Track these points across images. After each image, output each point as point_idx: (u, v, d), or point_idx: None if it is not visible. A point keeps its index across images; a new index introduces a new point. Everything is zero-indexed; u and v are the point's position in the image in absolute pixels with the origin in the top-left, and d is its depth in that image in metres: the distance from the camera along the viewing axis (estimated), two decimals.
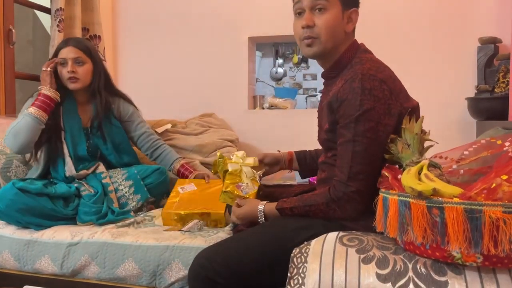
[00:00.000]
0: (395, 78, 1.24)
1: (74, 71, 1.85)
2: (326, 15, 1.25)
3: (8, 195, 1.63)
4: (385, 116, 1.15)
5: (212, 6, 2.78)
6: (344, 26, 1.28)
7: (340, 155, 1.19)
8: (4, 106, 2.35)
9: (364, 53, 1.29)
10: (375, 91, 1.14)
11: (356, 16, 1.30)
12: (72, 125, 1.91)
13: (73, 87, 1.87)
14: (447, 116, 2.41)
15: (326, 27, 1.25)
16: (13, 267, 1.66)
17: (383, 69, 1.21)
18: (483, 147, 1.09)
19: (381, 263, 0.98)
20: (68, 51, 1.86)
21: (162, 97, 2.86)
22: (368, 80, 1.15)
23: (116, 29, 2.98)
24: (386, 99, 1.15)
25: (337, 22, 1.26)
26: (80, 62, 1.87)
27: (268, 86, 4.34)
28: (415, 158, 1.09)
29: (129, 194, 1.88)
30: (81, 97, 1.96)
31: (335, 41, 1.28)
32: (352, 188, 1.15)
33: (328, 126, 1.27)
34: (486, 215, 0.83)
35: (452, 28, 2.41)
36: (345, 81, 1.19)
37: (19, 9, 2.71)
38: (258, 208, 1.31)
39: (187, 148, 2.37)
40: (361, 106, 1.14)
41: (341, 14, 1.27)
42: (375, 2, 2.50)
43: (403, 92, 1.23)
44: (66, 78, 1.85)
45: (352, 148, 1.16)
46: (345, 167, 1.17)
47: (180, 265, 1.46)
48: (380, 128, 1.15)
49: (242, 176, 1.46)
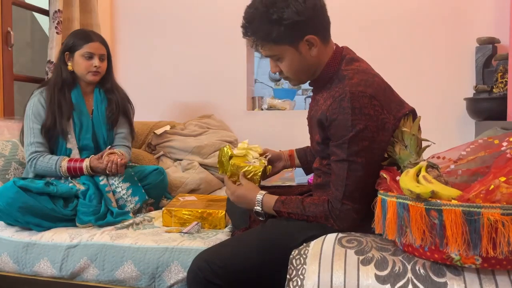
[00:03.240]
0: (386, 87, 1.21)
1: (100, 66, 1.93)
2: (284, 63, 1.23)
3: (9, 193, 1.63)
4: (379, 133, 1.13)
5: (211, 8, 2.78)
6: (307, 55, 1.21)
7: (335, 172, 1.18)
8: (2, 108, 2.35)
9: (350, 63, 1.23)
10: (366, 109, 1.12)
11: (314, 39, 1.19)
12: (82, 115, 1.94)
13: (93, 79, 1.94)
14: (446, 117, 2.41)
15: (290, 71, 1.24)
16: (12, 270, 1.65)
17: (372, 81, 1.17)
18: (480, 147, 1.09)
19: (380, 264, 0.98)
20: (96, 46, 1.93)
21: (160, 99, 2.86)
22: (358, 98, 1.12)
23: (115, 31, 2.98)
24: (379, 115, 1.13)
25: (297, 61, 1.22)
26: (103, 58, 1.96)
27: (267, 87, 4.33)
28: (413, 160, 1.09)
29: (127, 196, 1.87)
30: (87, 88, 1.99)
31: (307, 72, 1.26)
32: (348, 206, 1.15)
33: (319, 139, 1.25)
34: (484, 217, 0.83)
35: (450, 28, 2.41)
36: (334, 99, 1.16)
37: (17, 11, 2.71)
38: (256, 197, 1.28)
39: (186, 149, 2.37)
40: (353, 126, 1.11)
41: (296, 52, 1.20)
42: (372, 3, 2.50)
43: (395, 102, 1.21)
44: (88, 70, 1.91)
45: (348, 167, 1.14)
46: (340, 185, 1.15)
47: (179, 267, 1.46)
48: (374, 146, 1.13)
49: (248, 158, 1.43)
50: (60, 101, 1.89)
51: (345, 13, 2.47)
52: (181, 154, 2.39)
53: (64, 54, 1.94)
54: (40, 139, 1.86)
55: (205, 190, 2.29)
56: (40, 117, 1.87)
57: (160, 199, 2.07)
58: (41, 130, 1.86)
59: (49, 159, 1.84)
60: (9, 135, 2.14)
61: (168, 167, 2.34)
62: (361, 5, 2.52)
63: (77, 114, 1.92)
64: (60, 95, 1.90)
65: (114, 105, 2.00)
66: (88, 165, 1.85)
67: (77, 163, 1.85)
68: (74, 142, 1.90)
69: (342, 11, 2.44)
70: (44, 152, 1.86)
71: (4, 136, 2.12)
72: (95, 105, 1.98)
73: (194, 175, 2.28)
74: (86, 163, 1.85)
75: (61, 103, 1.89)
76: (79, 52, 1.91)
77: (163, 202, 2.07)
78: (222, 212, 1.70)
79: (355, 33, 2.44)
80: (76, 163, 1.85)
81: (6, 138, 2.10)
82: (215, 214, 1.70)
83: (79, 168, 1.84)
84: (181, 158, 2.39)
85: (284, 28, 1.15)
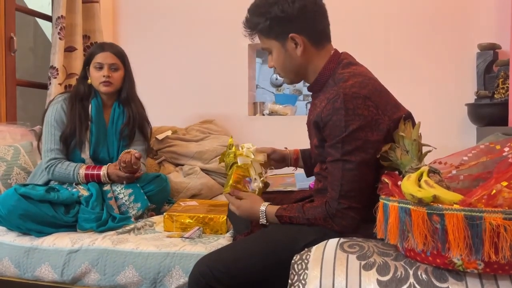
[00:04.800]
0: (382, 90, 1.23)
1: (110, 76, 1.91)
2: (274, 57, 1.31)
3: (10, 201, 1.63)
4: (373, 133, 1.15)
5: (212, 14, 2.79)
6: (293, 54, 1.27)
7: (331, 173, 1.19)
8: (5, 113, 2.36)
9: (347, 67, 1.26)
10: (359, 109, 1.14)
11: (299, 38, 1.25)
12: (99, 127, 1.95)
13: (105, 90, 1.93)
14: (447, 122, 2.41)
15: (278, 66, 1.32)
16: (13, 275, 1.65)
17: (367, 83, 1.19)
18: (482, 152, 1.09)
19: (382, 269, 0.97)
20: (105, 56, 1.93)
21: (162, 104, 2.86)
22: (351, 99, 1.14)
23: (117, 36, 2.99)
24: (373, 115, 1.15)
25: (282, 57, 1.29)
26: (115, 68, 1.93)
27: (268, 93, 4.34)
28: (414, 164, 1.09)
29: (129, 203, 1.88)
30: (108, 101, 2.00)
31: (294, 71, 1.31)
32: (344, 205, 1.16)
33: (317, 142, 1.27)
34: (486, 221, 0.83)
35: (451, 34, 2.42)
36: (328, 100, 1.18)
37: (20, 17, 2.72)
38: (260, 209, 1.31)
39: (188, 154, 2.38)
40: (347, 127, 1.14)
41: (282, 48, 1.28)
42: (373, 8, 2.51)
43: (390, 104, 1.22)
44: (100, 81, 1.91)
45: (342, 166, 1.16)
46: (336, 185, 1.17)
47: (181, 272, 1.45)
48: (368, 146, 1.15)
49: (250, 171, 1.46)
50: (80, 111, 1.91)
51: (345, 18, 2.48)
52: (182, 159, 2.40)
53: (85, 68, 1.97)
54: (60, 146, 1.89)
55: (207, 195, 2.29)
56: (62, 124, 1.89)
57: (162, 205, 2.07)
58: (61, 137, 1.88)
59: (67, 166, 1.86)
60: (11, 140, 2.15)
61: (170, 172, 2.34)
62: (361, 11, 2.53)
63: (95, 126, 1.93)
64: (80, 106, 1.92)
65: (128, 119, 1.99)
66: (106, 172, 1.85)
67: (95, 170, 1.86)
68: (88, 153, 1.91)
69: (342, 16, 2.45)
70: (62, 159, 1.88)
71: (6, 141, 2.13)
72: (111, 119, 1.98)
73: (196, 180, 2.28)
74: (103, 171, 1.86)
75: (81, 113, 1.91)
76: (92, 63, 1.94)
77: (164, 207, 2.07)
78: (223, 217, 1.69)
79: (355, 38, 2.45)
80: (94, 170, 1.86)
81: (8, 143, 2.11)
82: (217, 219, 1.70)
83: (97, 175, 1.85)
84: (182, 163, 2.39)
85: (269, 22, 1.25)
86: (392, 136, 1.18)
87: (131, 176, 1.87)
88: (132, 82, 2.03)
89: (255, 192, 1.42)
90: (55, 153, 1.87)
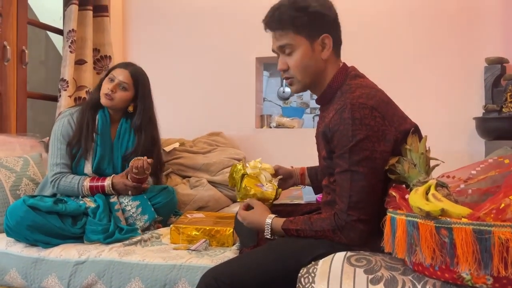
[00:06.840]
0: (388, 101, 1.23)
1: (113, 91, 1.91)
2: (295, 56, 1.26)
3: (19, 212, 1.64)
4: (380, 143, 1.15)
5: (220, 27, 2.82)
6: (318, 56, 1.27)
7: (339, 184, 1.19)
8: (15, 124, 2.39)
9: (354, 79, 1.27)
10: (366, 119, 1.14)
11: (329, 40, 1.26)
12: (105, 139, 1.95)
13: (104, 102, 1.93)
14: (456, 136, 2.40)
15: (298, 67, 1.27)
16: (20, 285, 1.65)
17: (374, 94, 1.19)
18: (491, 167, 1.08)
19: (389, 284, 0.96)
20: (120, 72, 1.94)
21: (170, 116, 2.87)
22: (358, 109, 1.14)
23: (127, 50, 3.03)
24: (380, 126, 1.15)
25: (308, 57, 1.26)
26: (123, 87, 1.93)
27: (275, 106, 4.36)
28: (422, 178, 1.09)
29: (136, 215, 1.88)
30: (115, 115, 2.00)
31: (313, 74, 1.29)
32: (353, 217, 1.15)
33: (325, 154, 1.27)
34: (495, 236, 0.82)
35: (459, 48, 2.43)
36: (336, 111, 1.19)
37: (32, 31, 2.78)
38: (265, 222, 1.30)
39: (195, 166, 2.38)
40: (354, 136, 1.14)
41: (310, 48, 1.26)
42: (382, 22, 2.53)
43: (397, 115, 1.22)
44: (104, 92, 1.92)
45: (350, 177, 1.15)
46: (344, 196, 1.16)
47: (187, 284, 1.45)
48: (376, 156, 1.14)
49: (260, 178, 1.46)
50: (88, 119, 1.92)
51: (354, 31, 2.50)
52: (189, 171, 2.40)
53: (103, 79, 1.98)
54: (66, 160, 1.90)
55: (213, 207, 2.29)
56: (68, 138, 1.91)
57: (169, 217, 2.07)
58: (67, 148, 1.89)
59: (72, 179, 1.87)
60: (21, 151, 2.17)
61: (177, 184, 2.34)
62: (371, 25, 2.54)
63: (101, 137, 1.94)
64: (89, 114, 1.93)
65: (136, 148, 1.96)
66: (110, 182, 1.86)
67: (99, 181, 1.87)
68: (90, 168, 1.91)
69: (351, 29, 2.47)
70: (67, 173, 1.89)
71: (16, 152, 2.15)
72: (118, 133, 1.99)
73: (203, 193, 2.28)
74: (108, 181, 1.87)
75: (89, 122, 1.92)
76: (109, 75, 1.96)
77: (171, 219, 2.07)
78: (230, 230, 1.69)
79: (361, 53, 2.46)
80: (98, 181, 1.87)
81: (18, 154, 2.13)
82: (223, 231, 1.70)
83: (101, 186, 1.86)
84: (189, 175, 2.40)
85: (308, 18, 1.23)
86: (399, 148, 1.18)
87: (138, 186, 1.87)
88: (147, 111, 1.99)
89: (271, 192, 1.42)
90: (60, 167, 1.89)
